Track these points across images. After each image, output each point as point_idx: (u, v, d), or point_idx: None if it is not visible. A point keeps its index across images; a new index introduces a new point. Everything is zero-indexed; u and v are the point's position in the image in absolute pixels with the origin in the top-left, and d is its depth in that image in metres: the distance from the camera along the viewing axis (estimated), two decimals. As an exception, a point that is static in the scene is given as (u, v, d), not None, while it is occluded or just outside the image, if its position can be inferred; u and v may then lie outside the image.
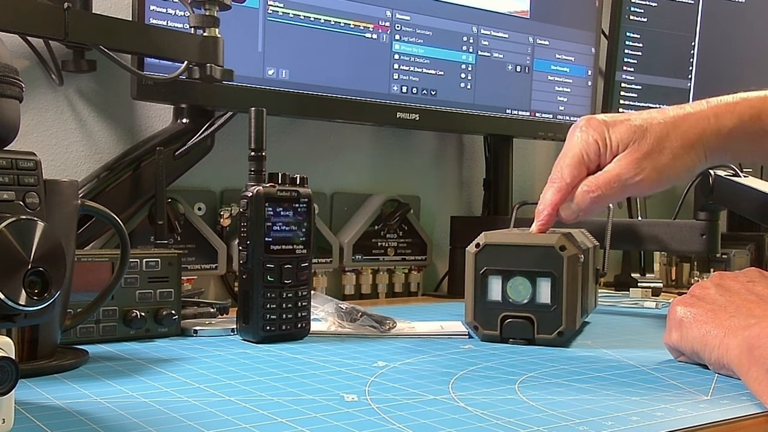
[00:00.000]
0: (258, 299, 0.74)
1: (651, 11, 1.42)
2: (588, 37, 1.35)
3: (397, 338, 0.79)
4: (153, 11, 0.91)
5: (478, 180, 1.39)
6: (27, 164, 0.53)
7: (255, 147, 0.76)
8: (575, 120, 0.83)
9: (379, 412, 0.50)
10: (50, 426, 0.46)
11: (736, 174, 1.07)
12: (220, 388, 0.56)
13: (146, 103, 1.05)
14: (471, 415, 0.50)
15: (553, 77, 1.31)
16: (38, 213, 0.53)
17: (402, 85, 1.13)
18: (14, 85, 0.56)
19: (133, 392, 0.54)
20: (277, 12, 1.01)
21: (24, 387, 0.55)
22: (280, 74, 1.02)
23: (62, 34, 0.77)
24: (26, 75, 0.94)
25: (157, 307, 0.76)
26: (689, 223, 1.09)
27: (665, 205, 1.66)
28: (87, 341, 0.71)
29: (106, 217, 0.66)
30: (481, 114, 1.22)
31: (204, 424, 0.46)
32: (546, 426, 0.47)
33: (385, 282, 1.25)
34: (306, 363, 0.65)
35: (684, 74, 1.48)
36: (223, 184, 1.12)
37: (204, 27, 0.85)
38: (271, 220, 0.74)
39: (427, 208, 1.35)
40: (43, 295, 0.50)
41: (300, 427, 0.46)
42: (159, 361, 0.65)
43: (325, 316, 0.83)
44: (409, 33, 1.14)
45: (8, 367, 0.40)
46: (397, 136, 1.31)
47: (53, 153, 1.00)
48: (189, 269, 1.03)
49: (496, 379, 0.60)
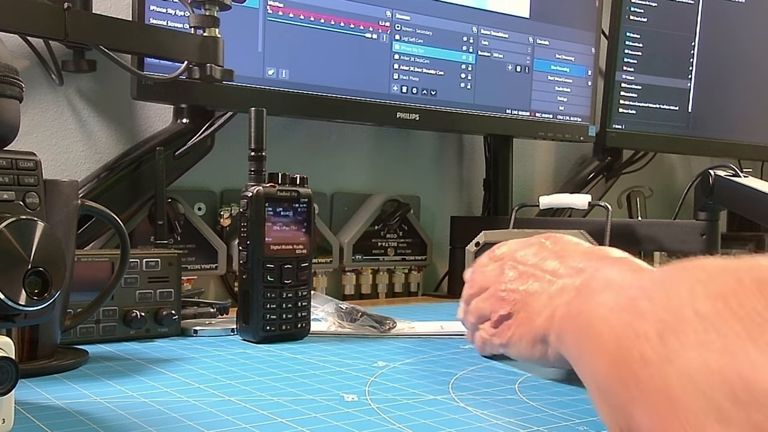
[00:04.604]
0: (258, 299, 0.74)
1: (651, 11, 1.42)
2: (588, 37, 1.35)
3: (397, 338, 0.79)
4: (153, 11, 0.91)
5: (478, 180, 1.39)
6: (27, 164, 0.53)
7: (255, 147, 0.76)
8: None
9: (379, 412, 0.50)
10: (50, 426, 0.46)
11: (736, 174, 1.07)
12: (220, 388, 0.56)
13: (146, 103, 1.05)
14: (471, 415, 0.50)
15: (553, 77, 1.31)
16: (38, 213, 0.53)
17: (402, 85, 1.13)
18: (14, 85, 0.56)
19: (133, 392, 0.54)
20: (277, 12, 1.01)
21: (24, 387, 0.55)
22: (280, 74, 1.02)
23: (62, 34, 0.77)
24: (26, 75, 0.94)
25: (157, 307, 0.76)
26: (689, 223, 1.09)
27: (665, 205, 1.66)
28: (87, 341, 0.71)
29: (106, 217, 0.66)
30: (481, 114, 1.22)
31: (204, 424, 0.46)
32: (546, 426, 0.48)
33: (385, 282, 1.25)
34: (306, 363, 0.65)
35: (684, 74, 1.48)
36: (223, 184, 1.12)
37: (204, 27, 0.85)
38: (271, 220, 0.74)
39: (427, 208, 1.35)
40: (43, 295, 0.50)
41: (300, 427, 0.46)
42: (159, 361, 0.65)
43: (325, 316, 0.83)
44: (409, 33, 1.14)
45: (8, 367, 0.40)
46: (397, 136, 1.31)
47: (53, 153, 1.00)
48: (189, 269, 1.03)
49: (496, 379, 0.60)
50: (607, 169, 1.48)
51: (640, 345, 0.32)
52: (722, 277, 0.30)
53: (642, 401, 0.31)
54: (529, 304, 0.58)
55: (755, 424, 0.25)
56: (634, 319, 0.33)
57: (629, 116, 1.41)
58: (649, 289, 0.34)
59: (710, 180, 1.06)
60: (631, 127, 1.42)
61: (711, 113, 1.52)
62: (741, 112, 1.58)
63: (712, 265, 0.32)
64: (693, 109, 1.49)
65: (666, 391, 0.29)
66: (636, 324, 0.33)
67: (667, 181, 1.74)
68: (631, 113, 1.42)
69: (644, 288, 0.35)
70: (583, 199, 1.10)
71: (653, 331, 0.31)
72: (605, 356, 0.36)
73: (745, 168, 1.15)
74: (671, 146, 1.51)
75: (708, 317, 0.29)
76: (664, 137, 1.46)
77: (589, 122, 1.36)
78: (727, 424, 0.26)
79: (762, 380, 0.26)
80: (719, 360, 0.27)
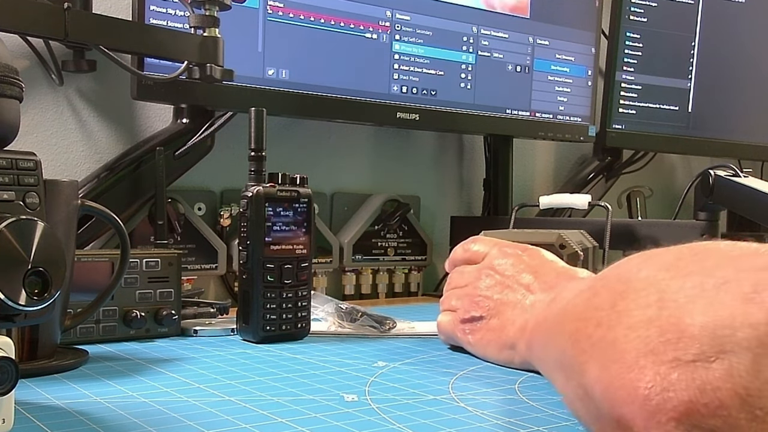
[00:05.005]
0: (258, 299, 0.74)
1: (651, 11, 1.42)
2: (588, 37, 1.35)
3: (397, 338, 0.79)
4: (153, 11, 0.91)
5: (478, 180, 1.39)
6: (27, 164, 0.53)
7: (255, 147, 0.76)
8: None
9: (379, 412, 0.50)
10: (50, 426, 0.46)
11: (736, 174, 1.07)
12: (220, 388, 0.56)
13: (146, 103, 1.05)
14: (471, 415, 0.50)
15: (553, 77, 1.31)
16: (38, 213, 0.53)
17: (402, 85, 1.13)
18: (14, 85, 0.56)
19: (133, 392, 0.54)
20: (277, 12, 1.01)
21: (24, 387, 0.55)
22: (280, 74, 1.02)
23: (62, 34, 0.77)
24: (26, 75, 0.94)
25: (157, 307, 0.76)
26: (689, 223, 1.09)
27: (665, 205, 1.66)
28: (87, 341, 0.71)
29: (106, 217, 0.66)
30: (481, 114, 1.22)
31: (204, 424, 0.46)
32: (546, 426, 0.48)
33: (385, 282, 1.25)
34: (306, 363, 0.65)
35: (684, 74, 1.48)
36: (223, 184, 1.12)
37: (204, 27, 0.85)
38: (271, 220, 0.74)
39: (427, 208, 1.35)
40: (43, 295, 0.50)
41: (300, 427, 0.46)
42: (159, 361, 0.65)
43: (325, 316, 0.83)
44: (409, 33, 1.14)
45: (8, 367, 0.40)
46: (397, 136, 1.31)
47: (53, 153, 1.00)
48: (189, 269, 1.03)
49: (496, 379, 0.60)
50: (607, 169, 1.48)
51: (596, 314, 0.37)
52: (667, 254, 0.36)
53: (594, 356, 0.36)
54: (503, 312, 0.64)
55: (676, 357, 0.30)
56: (592, 296, 0.39)
57: (629, 116, 1.41)
58: (605, 274, 0.40)
59: (710, 180, 1.06)
60: (631, 127, 1.42)
61: (711, 113, 1.52)
62: (741, 112, 1.58)
63: (661, 249, 0.38)
64: (693, 109, 1.49)
65: (613, 342, 0.34)
66: (593, 299, 0.38)
67: (667, 181, 1.74)
68: (631, 113, 1.42)
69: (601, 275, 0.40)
70: (583, 199, 1.10)
71: (607, 301, 0.37)
72: (567, 331, 0.40)
73: (745, 168, 1.15)
74: (671, 146, 1.51)
75: (650, 280, 0.35)
76: (664, 137, 1.46)
77: (589, 122, 1.36)
78: (658, 359, 0.31)
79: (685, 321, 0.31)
80: (655, 311, 0.33)
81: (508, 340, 0.63)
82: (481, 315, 0.66)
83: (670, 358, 0.31)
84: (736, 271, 0.31)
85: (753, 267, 0.31)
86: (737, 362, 0.29)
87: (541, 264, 0.66)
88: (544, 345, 0.49)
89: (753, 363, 0.28)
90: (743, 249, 0.34)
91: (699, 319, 0.30)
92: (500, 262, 0.67)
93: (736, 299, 0.30)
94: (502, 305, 0.64)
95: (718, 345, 0.29)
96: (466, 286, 0.69)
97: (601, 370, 0.35)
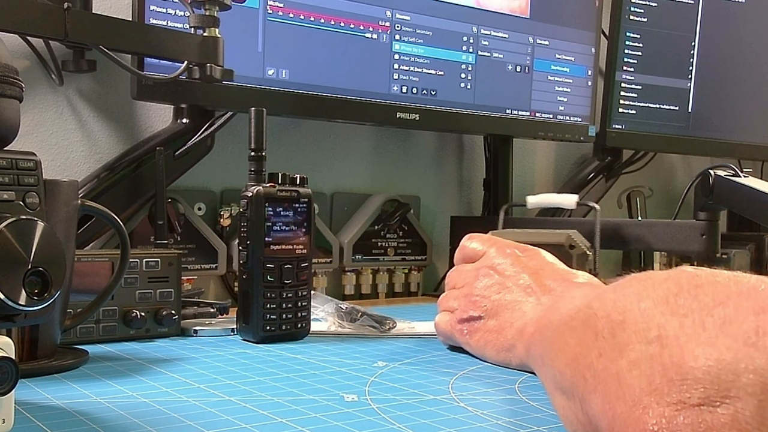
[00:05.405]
0: (258, 299, 0.74)
1: (651, 11, 1.42)
2: (588, 37, 1.35)
3: (397, 338, 0.79)
4: (153, 11, 0.91)
5: (478, 180, 1.39)
6: (27, 164, 0.53)
7: (255, 147, 0.76)
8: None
9: (379, 412, 0.50)
10: (50, 426, 0.46)
11: (736, 174, 1.07)
12: (220, 388, 0.56)
13: (146, 103, 1.05)
14: (471, 415, 0.50)
15: (553, 77, 1.31)
16: (38, 213, 0.53)
17: (402, 85, 1.13)
18: (14, 85, 0.56)
19: (133, 392, 0.54)
20: (277, 12, 1.01)
21: (24, 387, 0.55)
22: (280, 74, 1.02)
23: (62, 34, 0.77)
24: (26, 75, 0.94)
25: (157, 307, 0.76)
26: (689, 223, 1.09)
27: (665, 205, 1.66)
28: (87, 341, 0.71)
29: (106, 217, 0.66)
30: (481, 114, 1.22)
31: (204, 424, 0.46)
32: (546, 426, 0.48)
33: (385, 282, 1.25)
34: (306, 363, 0.65)
35: (684, 74, 1.48)
36: (223, 184, 1.12)
37: (204, 27, 0.85)
38: (271, 220, 0.74)
39: (427, 208, 1.35)
40: (43, 295, 0.50)
41: (300, 427, 0.46)
42: (159, 361, 0.65)
43: (325, 316, 0.83)
44: (409, 33, 1.14)
45: (8, 367, 0.40)
46: (397, 136, 1.31)
47: (53, 153, 1.00)
48: (189, 269, 1.03)
49: (496, 379, 0.60)
50: (607, 169, 1.48)
51: (597, 343, 0.37)
52: (665, 284, 0.36)
53: (597, 388, 0.36)
54: (501, 314, 0.64)
55: (681, 399, 0.30)
56: (589, 317, 0.39)
57: (629, 116, 1.41)
58: (601, 295, 0.39)
59: (710, 180, 1.06)
60: (631, 127, 1.42)
61: (711, 113, 1.52)
62: (741, 112, 1.58)
63: (659, 275, 0.37)
64: (693, 109, 1.49)
65: (617, 376, 0.34)
66: (591, 322, 0.38)
67: (667, 181, 1.74)
68: (631, 113, 1.42)
69: (600, 297, 0.39)
70: (571, 198, 1.10)
71: (606, 329, 0.37)
72: (568, 355, 0.40)
73: (745, 168, 1.15)
74: (671, 146, 1.51)
75: (649, 314, 0.34)
76: (664, 137, 1.46)
77: (589, 122, 1.36)
78: (663, 400, 0.31)
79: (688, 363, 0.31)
80: (657, 349, 0.33)
81: (506, 342, 0.63)
82: (479, 315, 0.66)
83: (675, 401, 0.30)
84: (736, 312, 0.31)
85: (753, 308, 0.31)
86: (742, 408, 0.29)
87: (540, 266, 0.65)
88: (541, 358, 0.49)
89: (758, 409, 0.28)
90: (741, 285, 0.33)
91: (702, 362, 0.30)
92: (499, 261, 0.67)
93: (738, 342, 0.30)
94: (500, 306, 0.64)
95: (723, 390, 0.29)
96: (464, 286, 0.69)
97: (605, 403, 0.35)
